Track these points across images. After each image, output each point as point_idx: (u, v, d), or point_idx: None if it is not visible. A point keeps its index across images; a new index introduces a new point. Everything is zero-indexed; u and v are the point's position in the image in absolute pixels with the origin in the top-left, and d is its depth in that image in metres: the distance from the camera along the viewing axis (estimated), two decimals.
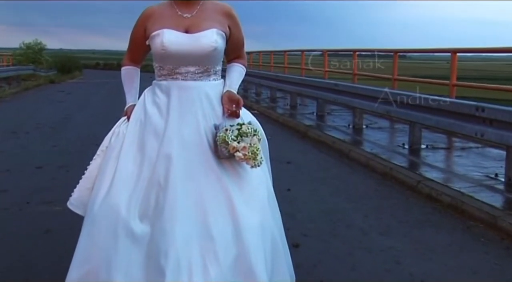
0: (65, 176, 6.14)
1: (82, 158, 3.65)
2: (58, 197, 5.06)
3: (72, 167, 6.43)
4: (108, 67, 48.59)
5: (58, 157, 7.39)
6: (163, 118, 2.67)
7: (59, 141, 8.72)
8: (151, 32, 2.71)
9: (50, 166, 6.85)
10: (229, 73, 2.87)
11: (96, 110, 13.48)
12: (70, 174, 6.05)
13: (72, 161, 6.94)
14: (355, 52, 13.01)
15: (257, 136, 2.61)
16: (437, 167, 6.64)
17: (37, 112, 13.19)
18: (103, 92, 19.90)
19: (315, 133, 9.37)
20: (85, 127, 10.18)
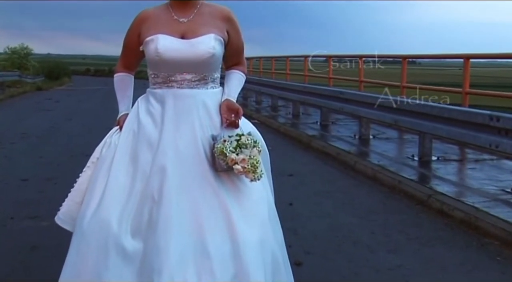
0: (52, 188, 6.14)
1: (71, 170, 3.65)
2: (45, 212, 5.06)
3: (60, 179, 6.43)
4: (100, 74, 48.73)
5: (45, 169, 7.39)
6: (157, 129, 2.68)
7: (46, 152, 8.73)
8: (145, 37, 2.73)
9: (37, 178, 6.85)
10: (228, 81, 2.88)
11: (86, 119, 13.50)
12: (58, 187, 6.04)
13: (60, 173, 6.94)
14: (361, 58, 13.05)
15: (257, 148, 2.62)
16: (449, 180, 6.64)
17: (23, 121, 13.21)
18: (94, 100, 19.94)
19: (318, 144, 9.38)
20: (74, 138, 10.19)
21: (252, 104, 17.05)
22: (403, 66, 11.14)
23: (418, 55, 13.56)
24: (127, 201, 2.59)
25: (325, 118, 11.87)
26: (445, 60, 25.90)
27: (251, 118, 12.56)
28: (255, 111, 15.08)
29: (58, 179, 6.58)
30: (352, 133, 10.33)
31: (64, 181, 5.44)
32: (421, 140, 7.84)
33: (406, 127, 8.85)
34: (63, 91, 26.86)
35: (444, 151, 8.40)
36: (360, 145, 9.33)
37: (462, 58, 9.31)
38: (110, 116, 3.06)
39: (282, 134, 11.07)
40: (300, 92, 13.16)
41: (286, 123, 12.34)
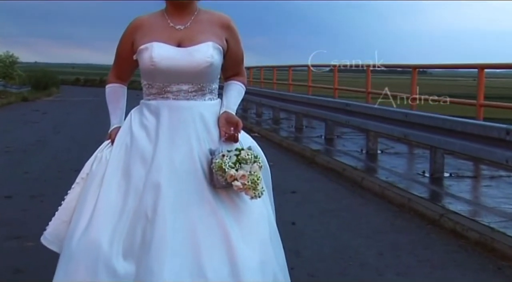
0: (38, 207, 6.13)
1: (58, 187, 3.66)
2: (30, 231, 5.05)
3: (47, 197, 6.43)
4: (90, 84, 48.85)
5: (31, 185, 7.39)
6: (151, 143, 2.69)
7: (32, 167, 8.73)
8: (139, 45, 2.74)
9: (21, 195, 6.84)
10: (227, 92, 2.89)
11: (75, 132, 13.52)
12: (44, 205, 6.04)
13: (46, 189, 6.94)
14: (368, 67, 13.10)
15: (258, 163, 2.62)
16: (463, 198, 6.63)
17: (7, 134, 13.22)
18: (84, 112, 19.97)
19: (323, 159, 9.38)
20: (63, 152, 10.20)
21: (252, 117, 17.07)
22: (413, 77, 11.16)
23: (429, 65, 13.64)
24: (119, 220, 2.59)
25: (330, 131, 11.89)
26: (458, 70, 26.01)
27: (251, 132, 12.52)
28: (255, 124, 15.10)
29: (44, 196, 6.57)
30: (359, 148, 10.34)
31: (51, 199, 5.43)
32: (433, 155, 7.84)
33: (416, 141, 8.86)
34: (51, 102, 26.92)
35: (457, 167, 8.40)
36: (367, 160, 9.33)
37: (477, 68, 9.34)
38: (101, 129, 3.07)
39: (284, 149, 11.07)
40: (303, 104, 13.19)
41: (289, 137, 12.35)
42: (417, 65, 11.83)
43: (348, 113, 10.58)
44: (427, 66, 14.66)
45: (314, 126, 13.99)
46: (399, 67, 14.68)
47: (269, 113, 16.76)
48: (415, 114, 8.41)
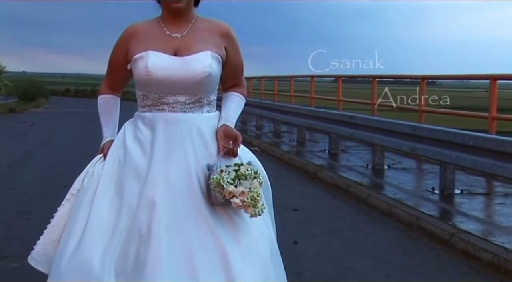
0: (25, 225, 6.12)
1: (47, 203, 3.66)
2: (16, 251, 5.03)
3: (34, 214, 6.42)
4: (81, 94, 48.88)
5: (17, 202, 7.37)
6: (146, 157, 2.69)
7: (18, 183, 8.72)
8: (134, 54, 2.76)
9: (7, 213, 6.83)
10: (226, 104, 2.90)
11: (65, 146, 13.51)
12: (31, 223, 6.02)
13: (34, 206, 6.93)
14: (374, 78, 13.14)
15: (258, 179, 2.63)
16: (475, 216, 6.63)
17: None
18: (74, 124, 19.98)
19: (327, 175, 9.38)
20: (51, 166, 10.20)
21: (252, 130, 17.09)
22: (422, 88, 11.19)
23: (439, 75, 13.63)
24: (111, 239, 2.59)
25: (334, 145, 11.89)
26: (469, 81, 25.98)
27: (251, 146, 12.51)
28: (255, 137, 15.12)
29: (31, 214, 6.56)
30: (364, 162, 10.34)
31: (39, 216, 5.42)
32: (443, 171, 7.84)
33: (425, 156, 8.85)
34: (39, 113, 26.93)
35: (469, 183, 8.39)
36: (373, 176, 9.33)
37: (489, 78, 9.36)
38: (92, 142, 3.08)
39: (286, 164, 11.07)
40: (306, 117, 13.21)
41: (290, 151, 12.35)
42: (426, 75, 11.85)
43: (353, 126, 10.59)
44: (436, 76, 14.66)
45: (317, 140, 14.00)
46: (407, 77, 14.70)
47: (269, 126, 16.77)
48: (424, 128, 8.43)
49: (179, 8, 2.76)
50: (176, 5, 2.75)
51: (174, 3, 2.74)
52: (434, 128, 8.19)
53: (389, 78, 13.87)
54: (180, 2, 2.74)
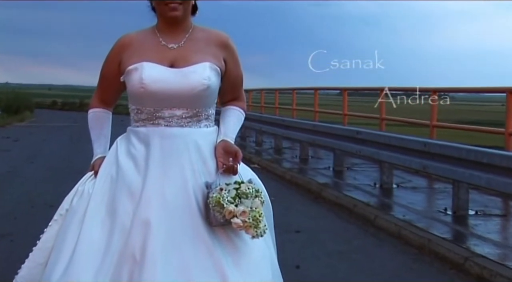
0: (8, 247, 6.11)
1: (31, 224, 3.67)
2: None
3: (19, 236, 6.40)
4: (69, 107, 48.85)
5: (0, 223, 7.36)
6: (140, 174, 2.70)
7: (1, 201, 8.71)
8: (128, 66, 2.78)
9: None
10: (224, 119, 2.92)
11: (52, 162, 13.51)
12: (15, 245, 6.01)
13: (18, 228, 6.91)
14: (382, 90, 13.18)
15: (260, 198, 2.64)
16: (490, 239, 6.62)
17: None
18: (62, 140, 19.98)
19: (331, 194, 9.38)
20: (37, 184, 10.19)
21: (252, 146, 17.09)
22: (433, 102, 11.22)
23: (451, 88, 13.67)
24: (103, 262, 2.59)
25: (339, 163, 11.90)
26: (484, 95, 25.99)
27: (251, 163, 12.49)
28: (255, 154, 15.12)
29: (15, 235, 6.55)
30: (371, 181, 10.34)
31: (24, 238, 5.41)
32: (456, 190, 7.84)
33: (437, 174, 8.86)
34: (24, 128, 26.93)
35: (484, 204, 8.39)
36: (381, 195, 9.32)
37: (505, 92, 9.40)
38: (81, 159, 3.09)
39: (288, 182, 11.07)
40: (309, 132, 13.22)
41: (292, 168, 12.35)
42: (437, 88, 11.90)
43: (359, 142, 10.60)
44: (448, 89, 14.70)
45: (321, 156, 14.00)
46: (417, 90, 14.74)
47: (270, 142, 16.78)
48: (435, 144, 8.44)
49: (176, 16, 2.78)
50: (172, 13, 2.77)
51: (170, 11, 2.76)
52: (446, 145, 8.19)
53: (398, 91, 13.90)
54: (177, 10, 2.77)
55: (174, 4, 2.76)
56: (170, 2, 2.75)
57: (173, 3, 2.75)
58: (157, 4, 2.80)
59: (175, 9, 2.76)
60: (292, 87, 20.12)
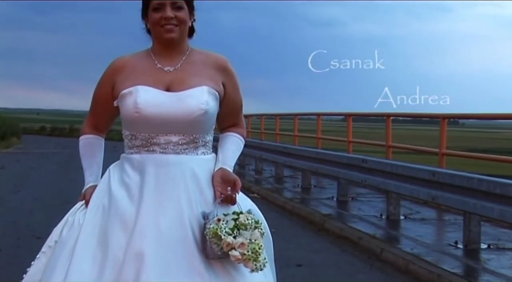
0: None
1: (17, 257, 3.66)
2: None
3: (3, 269, 6.38)
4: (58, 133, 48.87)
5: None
6: (133, 204, 2.71)
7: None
8: (121, 89, 2.80)
9: None
10: (223, 146, 2.93)
11: (40, 191, 13.49)
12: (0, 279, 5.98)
13: (3, 261, 6.88)
14: (388, 117, 13.22)
15: (259, 229, 2.64)
16: (504, 275, 6.60)
17: None
18: (50, 167, 19.97)
19: (335, 226, 9.36)
20: (23, 215, 10.16)
21: (251, 174, 17.08)
22: (442, 128, 11.25)
23: (462, 114, 13.70)
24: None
25: (343, 192, 11.88)
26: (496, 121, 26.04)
27: (250, 192, 12.45)
28: (254, 183, 15.10)
29: (0, 269, 6.52)
30: (377, 212, 10.32)
31: (8, 271, 5.40)
32: (467, 222, 7.82)
33: (446, 205, 8.84)
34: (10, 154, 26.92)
35: (497, 237, 8.37)
36: (388, 227, 9.30)
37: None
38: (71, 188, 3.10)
39: (289, 213, 11.05)
40: (311, 160, 13.22)
41: (294, 198, 12.33)
42: (447, 114, 11.92)
43: (364, 170, 10.60)
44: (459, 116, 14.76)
45: (324, 186, 13.98)
46: (426, 116, 14.79)
47: (270, 170, 16.76)
48: (444, 173, 8.43)
49: (172, 38, 2.81)
50: (168, 35, 2.80)
51: (166, 33, 2.79)
52: (456, 174, 8.19)
53: (406, 117, 13.95)
54: (173, 32, 2.80)
55: (170, 25, 2.79)
56: (166, 24, 2.78)
57: (169, 24, 2.79)
58: (152, 26, 2.83)
59: (171, 31, 2.79)
60: (293, 112, 20.15)
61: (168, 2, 2.79)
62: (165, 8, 2.78)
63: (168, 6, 2.79)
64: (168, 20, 2.78)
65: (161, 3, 2.79)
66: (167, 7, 2.78)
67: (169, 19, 2.78)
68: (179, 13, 2.80)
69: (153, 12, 2.80)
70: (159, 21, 2.79)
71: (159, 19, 2.79)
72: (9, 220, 9.74)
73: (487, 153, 13.56)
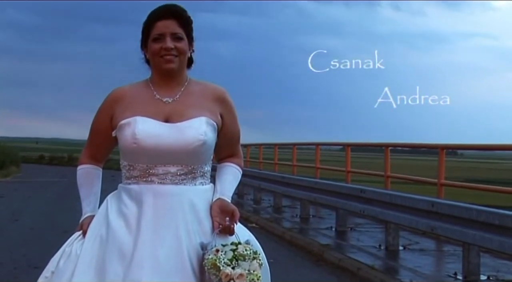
0: None
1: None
2: None
3: None
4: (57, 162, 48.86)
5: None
6: (131, 235, 2.70)
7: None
8: (120, 120, 2.80)
9: None
10: (221, 176, 2.93)
11: (37, 221, 13.45)
12: None
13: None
14: (387, 147, 13.23)
15: (258, 260, 2.63)
16: None
17: None
18: (48, 196, 19.93)
19: (334, 256, 9.32)
20: (20, 245, 10.11)
21: (249, 204, 17.05)
22: (441, 158, 11.26)
23: (460, 145, 13.72)
24: None
25: (342, 223, 11.85)
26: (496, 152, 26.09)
27: (248, 222, 12.42)
28: (253, 212, 15.07)
29: None
30: (376, 242, 10.28)
31: None
32: (466, 253, 7.80)
33: (445, 236, 8.81)
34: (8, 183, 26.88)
35: (496, 268, 8.33)
36: (386, 258, 9.26)
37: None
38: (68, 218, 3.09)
39: (287, 243, 11.01)
40: (310, 189, 13.20)
41: (292, 228, 12.30)
42: (445, 145, 11.94)
43: (363, 201, 10.58)
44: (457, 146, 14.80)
45: (322, 216, 13.95)
46: (424, 147, 14.82)
47: (269, 200, 16.74)
48: (443, 204, 8.41)
49: (171, 69, 2.82)
50: (168, 66, 2.81)
51: (166, 63, 2.81)
52: (455, 205, 8.17)
53: (404, 147, 13.96)
54: (172, 63, 2.81)
55: (169, 56, 2.80)
56: (166, 54, 2.80)
57: (168, 55, 2.80)
58: (152, 56, 2.84)
59: (170, 62, 2.80)
60: (292, 142, 20.19)
61: (168, 32, 2.80)
62: (165, 38, 2.80)
63: (168, 36, 2.80)
64: (168, 51, 2.80)
65: (162, 33, 2.80)
66: (167, 38, 2.80)
67: (169, 49, 2.80)
68: (179, 43, 2.82)
69: (153, 42, 2.81)
70: (159, 52, 2.80)
71: (159, 49, 2.80)
72: (6, 249, 9.70)
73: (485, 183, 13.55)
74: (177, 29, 2.82)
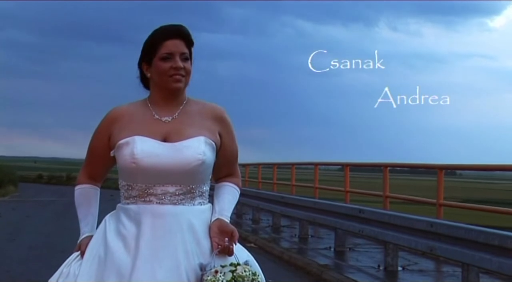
0: None
1: None
2: None
3: None
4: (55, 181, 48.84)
5: None
6: (130, 255, 2.68)
7: None
8: (118, 140, 2.80)
9: None
10: (219, 196, 2.92)
11: (35, 240, 13.41)
12: None
13: None
14: (386, 167, 13.23)
15: (257, 281, 2.61)
16: None
17: None
18: (46, 216, 19.89)
19: (332, 277, 9.29)
20: (17, 264, 10.08)
21: (248, 224, 17.01)
22: (439, 178, 11.26)
23: (459, 165, 13.72)
24: None
25: (340, 243, 11.82)
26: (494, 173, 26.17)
27: (247, 242, 12.43)
28: (251, 232, 15.03)
29: None
30: (375, 263, 10.25)
31: None
32: (465, 274, 7.77)
33: (445, 257, 8.79)
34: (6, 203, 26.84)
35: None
36: (385, 278, 9.23)
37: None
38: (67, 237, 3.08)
39: (286, 263, 10.97)
40: (309, 209, 13.19)
41: (291, 248, 12.26)
42: (444, 165, 11.94)
43: (362, 221, 10.56)
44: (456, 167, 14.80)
45: (321, 236, 13.92)
46: (423, 167, 14.82)
47: (268, 220, 16.70)
48: (442, 224, 8.40)
49: (179, 88, 2.82)
50: (176, 85, 2.81)
51: (174, 82, 2.80)
52: (454, 225, 8.16)
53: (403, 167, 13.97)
54: (180, 82, 2.81)
55: (178, 76, 2.80)
56: (175, 74, 2.79)
57: (178, 74, 2.80)
58: (159, 75, 2.82)
59: (179, 81, 2.81)
60: (291, 162, 20.19)
61: (178, 52, 2.81)
62: (174, 58, 2.80)
63: (178, 56, 2.80)
64: (178, 70, 2.80)
65: (171, 52, 2.80)
66: (177, 57, 2.80)
67: (179, 69, 2.80)
68: (186, 64, 2.83)
69: (161, 61, 2.80)
70: (168, 71, 2.80)
71: (168, 68, 2.79)
72: (3, 269, 9.66)
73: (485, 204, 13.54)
74: (185, 50, 2.83)
